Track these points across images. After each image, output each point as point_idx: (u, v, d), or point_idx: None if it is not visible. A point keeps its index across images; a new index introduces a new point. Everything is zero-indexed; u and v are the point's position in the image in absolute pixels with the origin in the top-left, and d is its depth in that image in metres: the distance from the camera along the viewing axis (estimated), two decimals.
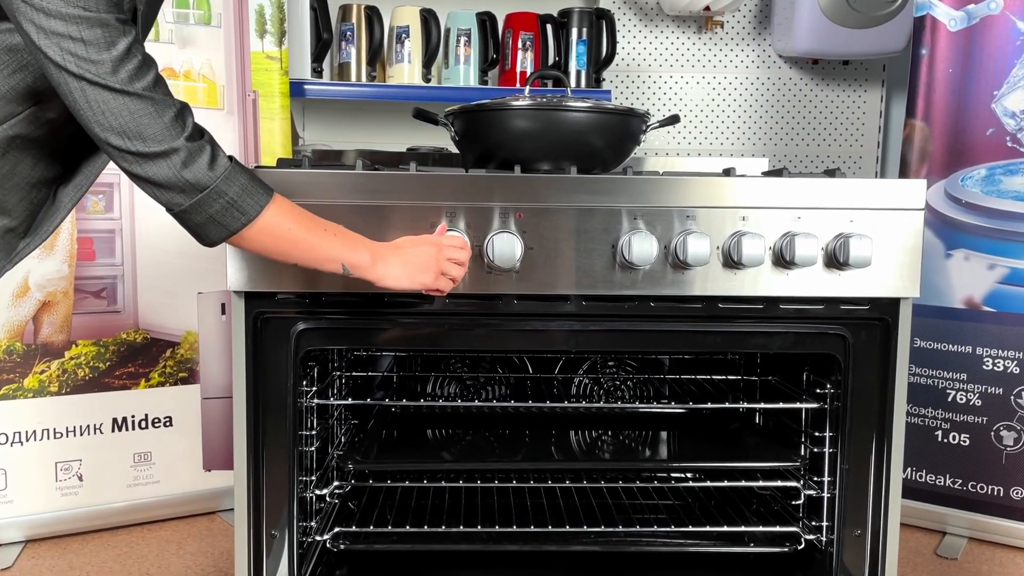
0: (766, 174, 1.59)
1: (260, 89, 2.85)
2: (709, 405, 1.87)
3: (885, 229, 1.55)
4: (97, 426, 2.63)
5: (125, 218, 2.65)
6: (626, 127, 1.78)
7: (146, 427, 2.70)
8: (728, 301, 1.59)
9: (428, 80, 3.04)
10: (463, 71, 3.00)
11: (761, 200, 1.54)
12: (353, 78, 3.06)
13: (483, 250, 1.50)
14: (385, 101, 3.09)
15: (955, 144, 2.68)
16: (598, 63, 3.06)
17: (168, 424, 2.72)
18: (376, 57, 3.04)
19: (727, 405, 1.85)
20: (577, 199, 1.52)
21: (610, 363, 2.27)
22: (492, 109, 1.73)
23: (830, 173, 1.57)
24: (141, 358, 2.71)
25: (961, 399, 2.61)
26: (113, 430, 2.65)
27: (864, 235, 1.51)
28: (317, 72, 3.03)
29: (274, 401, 1.58)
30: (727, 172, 1.59)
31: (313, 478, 1.72)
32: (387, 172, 1.51)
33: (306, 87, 2.99)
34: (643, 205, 1.53)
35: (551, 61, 2.99)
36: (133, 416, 2.69)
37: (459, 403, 1.94)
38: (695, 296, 1.58)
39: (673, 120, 1.91)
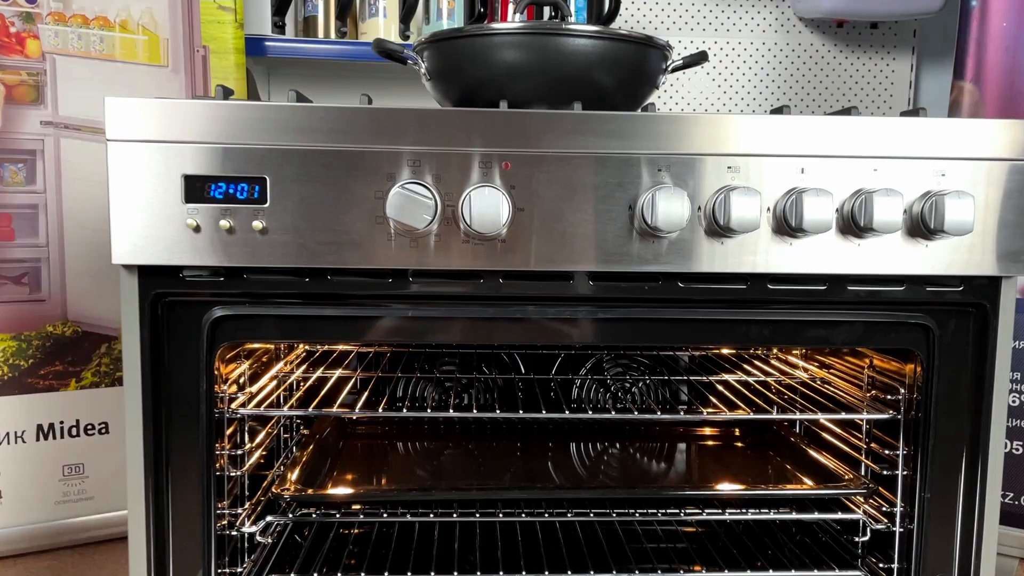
0: (830, 115, 1.22)
1: (211, 44, 2.47)
2: (742, 416, 1.49)
3: (986, 186, 1.18)
4: (19, 434, 2.25)
5: (50, 191, 2.26)
6: (643, 62, 1.41)
7: (77, 435, 2.32)
8: (781, 281, 1.22)
9: (407, 37, 2.66)
10: (446, 27, 2.62)
11: (825, 146, 1.17)
12: (320, 34, 2.68)
13: (457, 212, 1.12)
14: (357, 61, 2.70)
15: (1010, 107, 2.31)
16: (599, 22, 2.69)
17: (104, 431, 2.34)
18: (347, 11, 2.66)
19: (766, 416, 1.47)
20: (582, 144, 1.15)
21: (620, 360, 1.89)
22: (472, 36, 1.35)
23: (912, 113, 1.20)
24: (71, 355, 2.32)
25: None
26: (38, 438, 2.27)
27: (964, 192, 1.14)
28: (278, 27, 2.65)
29: (181, 411, 1.20)
30: (779, 111, 1.22)
31: (241, 510, 1.34)
32: (329, 106, 1.13)
33: (266, 44, 2.60)
34: (671, 152, 1.16)
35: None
36: (62, 422, 2.31)
37: (433, 414, 1.55)
38: (738, 275, 1.20)
39: (700, 58, 1.53)
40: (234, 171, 1.13)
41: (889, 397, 1.37)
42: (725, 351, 1.93)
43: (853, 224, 1.16)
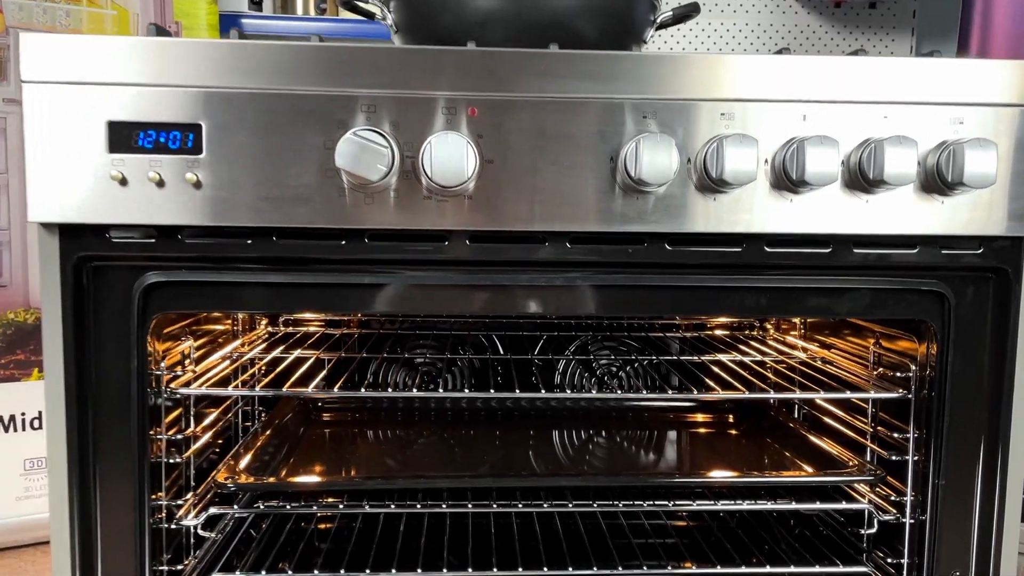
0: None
1: (183, 20, 2.35)
2: (736, 395, 1.36)
3: (1009, 135, 1.06)
4: None
5: (12, 171, 2.14)
6: (629, 11, 1.28)
7: (40, 427, 2.20)
8: (779, 243, 1.09)
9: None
10: None
11: (829, 91, 1.04)
12: (299, 11, 2.57)
13: (418, 163, 1.00)
14: (337, 39, 2.57)
15: None
16: None
17: None
18: None
19: (762, 395, 1.35)
20: (559, 87, 1.02)
21: (607, 343, 1.77)
22: None
23: (926, 55, 1.08)
24: (33, 343, 2.20)
25: None
26: None
27: (986, 140, 1.01)
28: (255, 3, 2.53)
29: (109, 390, 1.07)
30: (781, 53, 1.09)
31: (182, 501, 1.21)
32: (271, 43, 1.00)
33: (242, 20, 2.48)
34: (658, 97, 1.03)
35: None
36: (24, 414, 2.18)
37: (396, 394, 1.42)
38: (732, 235, 1.08)
39: (692, 11, 1.41)
40: (165, 118, 1.00)
41: (898, 375, 1.25)
42: (719, 332, 1.81)
43: (861, 177, 1.04)
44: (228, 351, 1.43)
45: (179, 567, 1.19)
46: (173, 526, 1.17)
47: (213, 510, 1.18)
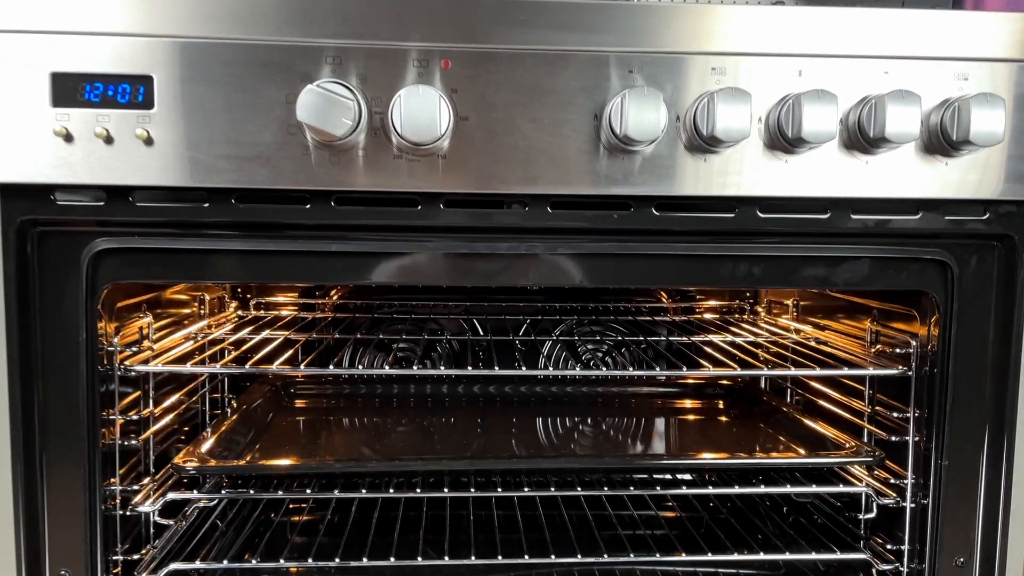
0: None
1: None
2: (727, 372, 1.29)
3: (1018, 93, 1.00)
4: None
5: None
6: None
7: None
8: (774, 208, 1.03)
9: None
10: None
11: (826, 44, 0.98)
12: None
13: (387, 120, 0.93)
14: None
15: None
16: None
17: None
18: None
19: (755, 372, 1.28)
20: (539, 39, 0.95)
21: (593, 327, 1.70)
22: None
23: (928, 6, 1.01)
24: None
25: None
26: None
27: (993, 95, 0.95)
28: None
29: (56, 366, 0.99)
30: (776, 4, 1.03)
31: (139, 487, 1.13)
32: None
33: None
34: (645, 50, 0.97)
35: None
36: None
37: (366, 371, 1.34)
38: (724, 199, 1.01)
39: None
40: (114, 69, 0.93)
41: (898, 351, 1.19)
42: (708, 316, 1.74)
43: (860, 136, 0.98)
44: (193, 330, 1.36)
45: (135, 557, 1.11)
46: (129, 513, 1.10)
47: (171, 495, 1.10)
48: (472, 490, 1.13)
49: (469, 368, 1.20)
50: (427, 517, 1.32)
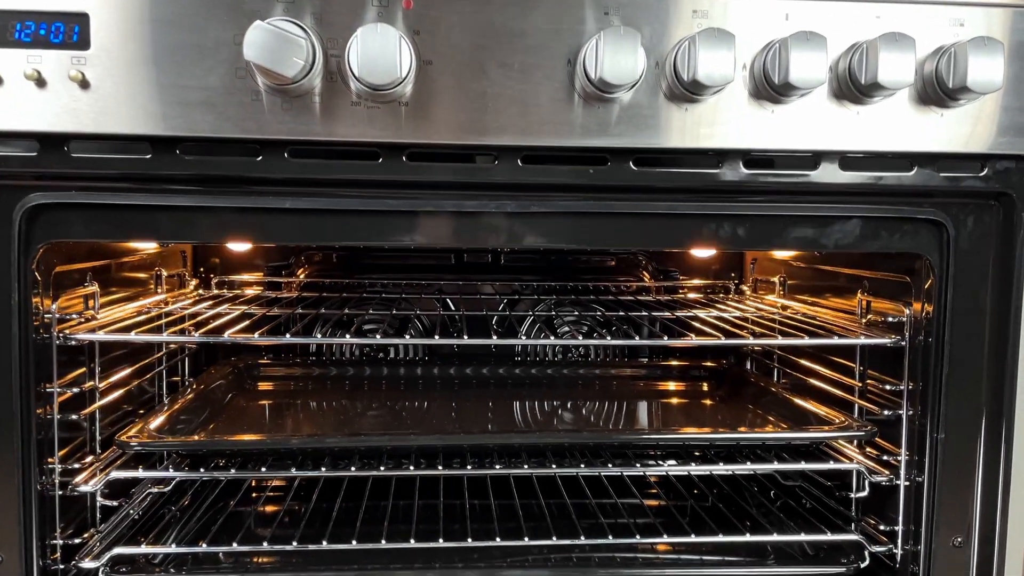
0: None
1: None
2: (712, 342, 1.22)
3: (1016, 40, 0.94)
4: None
5: None
6: None
7: None
8: (760, 163, 0.97)
9: None
10: None
11: None
12: None
13: (344, 63, 0.86)
14: None
15: None
16: None
17: None
18: None
19: (740, 341, 1.22)
20: None
21: (575, 309, 1.64)
22: None
23: None
24: None
25: None
26: None
27: (992, 39, 0.89)
28: None
29: None
30: None
31: (80, 465, 1.05)
32: None
33: None
34: None
35: None
36: None
37: (324, 340, 1.25)
38: (706, 151, 0.95)
39: None
40: (46, 6, 0.85)
41: (891, 319, 1.13)
42: (692, 295, 1.68)
43: (851, 84, 0.92)
44: (148, 303, 1.28)
45: (77, 541, 1.03)
46: (70, 493, 1.01)
47: (116, 474, 1.02)
48: (440, 468, 1.06)
49: (437, 337, 1.11)
50: (394, 506, 1.24)
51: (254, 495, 1.32)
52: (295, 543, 1.02)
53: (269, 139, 0.90)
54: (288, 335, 1.19)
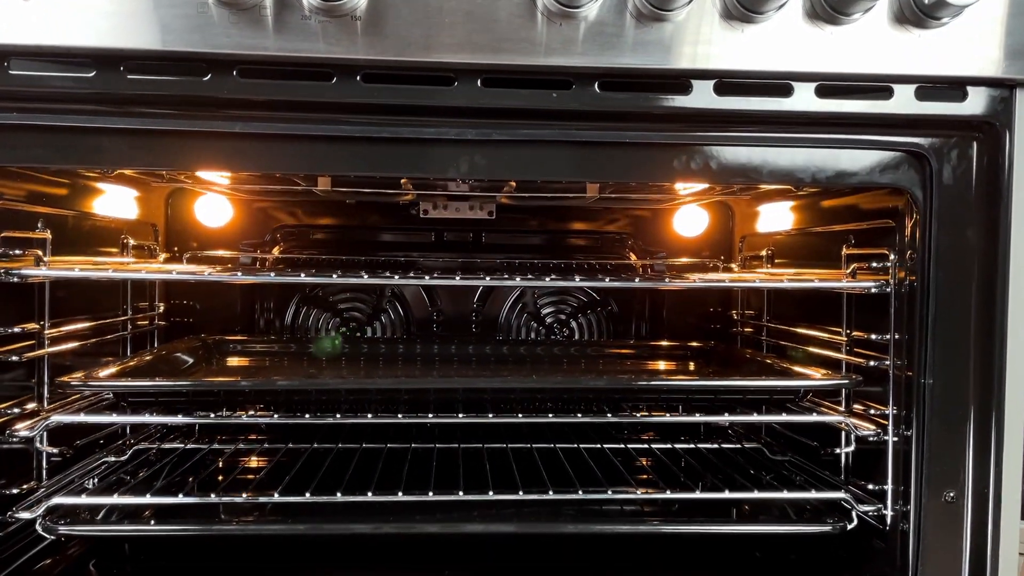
0: None
1: None
2: (689, 284, 1.17)
3: None
4: None
5: None
6: None
7: None
8: (732, 89, 0.92)
9: None
10: None
11: None
12: None
13: None
14: None
15: None
16: None
17: None
18: None
19: (718, 283, 1.17)
20: None
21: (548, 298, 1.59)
22: None
23: None
24: None
25: None
26: None
27: None
28: None
29: None
30: None
31: (20, 410, 1.00)
32: None
33: None
34: None
35: None
36: None
37: (301, 277, 1.17)
38: (674, 73, 0.91)
39: None
40: None
41: (874, 264, 1.08)
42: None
43: (822, 4, 0.88)
44: (108, 261, 1.23)
45: (15, 491, 0.98)
46: (8, 440, 0.96)
47: (56, 418, 0.97)
48: (400, 416, 1.00)
49: (396, 278, 1.06)
50: (356, 467, 1.18)
51: (213, 458, 1.27)
52: (244, 493, 0.96)
53: (218, 55, 0.86)
54: (272, 274, 1.12)
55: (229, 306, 1.58)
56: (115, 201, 1.32)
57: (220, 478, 1.16)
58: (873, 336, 1.08)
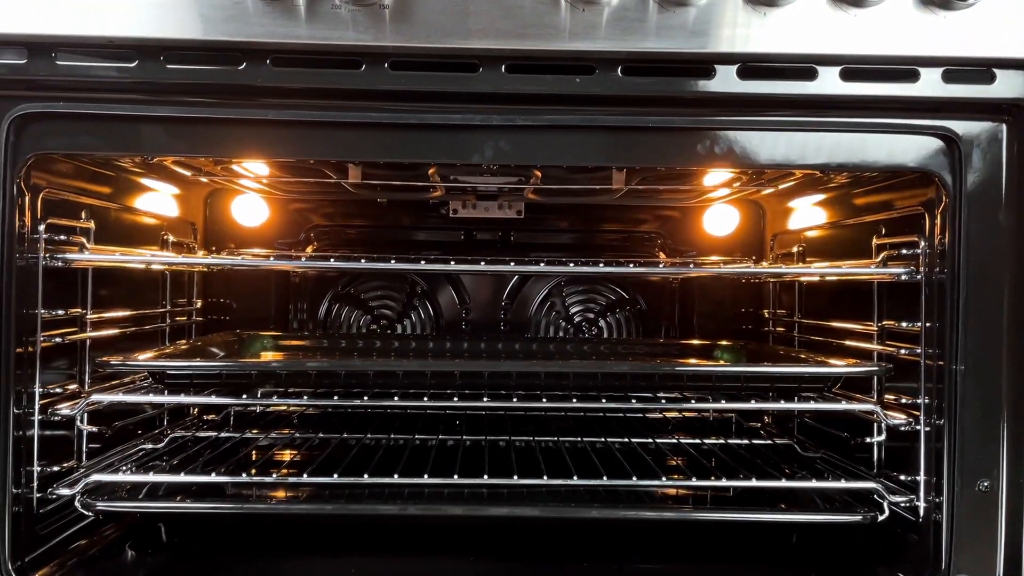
0: None
1: None
2: (719, 270, 1.18)
3: None
4: None
5: None
6: None
7: None
8: (755, 72, 0.93)
9: None
10: None
11: None
12: None
13: None
14: None
15: None
16: None
17: None
18: None
19: (751, 269, 1.16)
20: None
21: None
22: None
23: None
24: None
25: None
26: None
27: None
28: None
29: None
30: None
31: (63, 390, 1.03)
32: None
33: None
34: None
35: None
36: None
37: (331, 263, 1.18)
38: (697, 56, 0.92)
39: None
40: None
41: (905, 252, 1.07)
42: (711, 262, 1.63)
43: None
44: (149, 253, 1.27)
45: (56, 469, 1.01)
46: (51, 417, 0.99)
47: (96, 397, 1.00)
48: (425, 399, 1.02)
49: (423, 263, 1.08)
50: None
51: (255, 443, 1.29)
52: (275, 473, 0.99)
53: (253, 43, 0.89)
54: (304, 258, 1.15)
55: (264, 305, 1.61)
56: (156, 198, 1.36)
57: (253, 460, 1.19)
58: (904, 324, 1.07)
